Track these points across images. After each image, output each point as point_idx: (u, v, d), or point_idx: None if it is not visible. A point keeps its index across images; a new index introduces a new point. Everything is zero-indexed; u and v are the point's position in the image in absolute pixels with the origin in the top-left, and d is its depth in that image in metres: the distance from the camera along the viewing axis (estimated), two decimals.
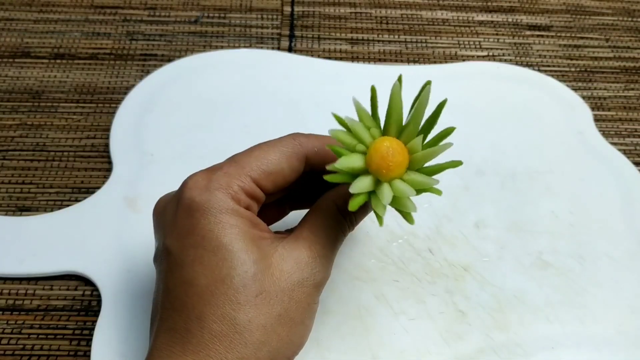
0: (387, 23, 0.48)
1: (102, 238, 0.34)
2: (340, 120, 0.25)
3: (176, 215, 0.25)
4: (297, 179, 0.28)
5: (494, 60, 0.46)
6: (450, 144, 0.24)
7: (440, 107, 0.25)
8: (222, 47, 0.45)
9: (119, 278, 0.33)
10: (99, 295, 0.33)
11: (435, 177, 0.25)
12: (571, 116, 0.42)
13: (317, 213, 0.27)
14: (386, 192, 0.24)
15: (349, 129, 0.25)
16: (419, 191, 0.24)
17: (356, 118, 0.25)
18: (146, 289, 0.32)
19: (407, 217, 0.25)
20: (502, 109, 0.42)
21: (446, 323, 0.32)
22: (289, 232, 0.27)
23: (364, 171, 0.24)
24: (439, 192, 0.25)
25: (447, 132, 0.25)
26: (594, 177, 0.38)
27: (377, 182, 0.24)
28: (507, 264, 0.34)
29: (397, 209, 0.25)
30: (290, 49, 0.45)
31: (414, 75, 0.43)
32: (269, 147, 0.27)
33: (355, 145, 0.24)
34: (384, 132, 0.25)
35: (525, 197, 0.37)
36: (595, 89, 0.45)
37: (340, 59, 0.45)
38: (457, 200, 0.37)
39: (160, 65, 0.43)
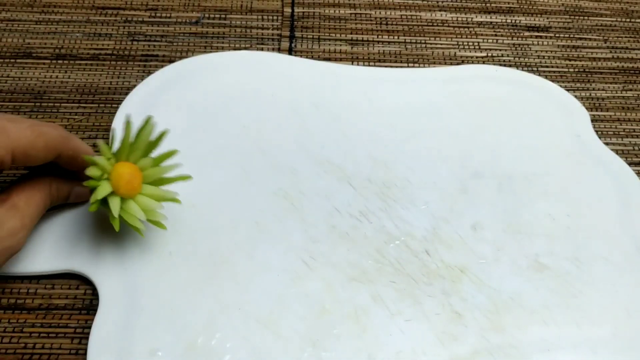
0: (386, 24, 0.48)
1: (99, 236, 0.34)
2: (87, 158, 0.31)
3: None
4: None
5: (493, 60, 0.46)
6: (177, 165, 0.33)
7: (162, 135, 0.32)
8: (222, 48, 0.45)
9: (116, 276, 0.33)
10: None
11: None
12: (569, 119, 0.42)
13: (36, 188, 0.31)
14: (134, 207, 0.31)
15: (94, 163, 0.30)
16: (159, 201, 0.32)
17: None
18: (143, 286, 0.33)
19: (159, 225, 0.32)
20: (500, 112, 0.42)
21: (442, 324, 0.32)
22: None
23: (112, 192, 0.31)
24: (177, 201, 0.33)
25: (170, 153, 0.33)
26: (591, 180, 0.39)
27: (122, 200, 0.31)
28: (503, 266, 0.35)
29: (150, 221, 0.32)
30: (290, 50, 0.45)
31: (413, 78, 0.43)
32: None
33: (102, 175, 0.31)
34: (118, 158, 0.31)
35: (522, 200, 0.37)
36: (593, 89, 0.45)
37: (340, 59, 0.45)
38: (454, 203, 0.37)
39: (161, 66, 0.43)
